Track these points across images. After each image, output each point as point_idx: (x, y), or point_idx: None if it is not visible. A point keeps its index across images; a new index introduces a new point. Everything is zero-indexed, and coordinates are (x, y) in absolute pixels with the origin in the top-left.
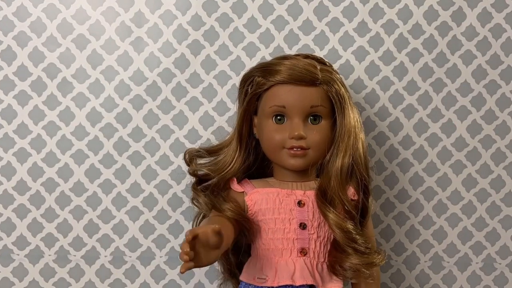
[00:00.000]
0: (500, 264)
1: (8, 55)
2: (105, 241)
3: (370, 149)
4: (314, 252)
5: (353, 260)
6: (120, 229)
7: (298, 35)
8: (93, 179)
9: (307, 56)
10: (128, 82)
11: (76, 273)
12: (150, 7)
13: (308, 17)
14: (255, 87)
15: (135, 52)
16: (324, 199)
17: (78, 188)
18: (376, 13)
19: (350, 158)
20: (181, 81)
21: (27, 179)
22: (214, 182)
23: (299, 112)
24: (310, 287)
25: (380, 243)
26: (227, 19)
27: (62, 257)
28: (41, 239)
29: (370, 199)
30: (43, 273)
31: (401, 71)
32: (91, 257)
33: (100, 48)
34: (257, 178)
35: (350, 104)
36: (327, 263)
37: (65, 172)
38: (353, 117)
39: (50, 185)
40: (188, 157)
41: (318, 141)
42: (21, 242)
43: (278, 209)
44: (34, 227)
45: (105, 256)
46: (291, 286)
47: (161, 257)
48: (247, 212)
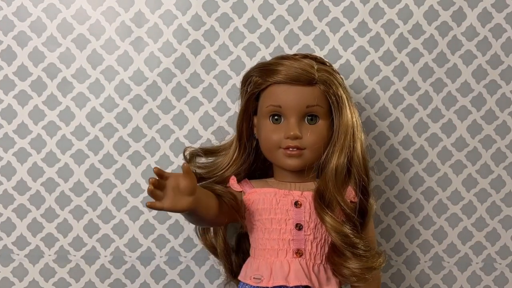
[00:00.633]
0: (500, 264)
1: (8, 55)
2: (105, 241)
3: (370, 149)
4: (310, 254)
5: (352, 264)
6: (120, 229)
7: (298, 35)
8: (93, 179)
9: (306, 56)
10: (128, 82)
11: (76, 273)
12: (150, 7)
13: (308, 17)
14: (253, 87)
15: (135, 52)
16: (322, 202)
17: (78, 188)
18: (376, 13)
19: (346, 158)
20: (181, 81)
21: (27, 179)
22: (214, 181)
23: (295, 112)
24: (305, 287)
25: (380, 243)
26: (227, 19)
27: (62, 257)
28: (41, 239)
29: (371, 201)
30: (43, 273)
31: (401, 71)
32: (91, 257)
33: (100, 48)
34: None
35: (349, 104)
36: (325, 265)
37: (65, 172)
38: (351, 117)
39: (50, 185)
40: (189, 155)
41: (314, 141)
42: (21, 242)
43: (275, 210)
44: (34, 227)
45: (105, 256)
46: (286, 287)
47: (161, 257)
48: (245, 212)
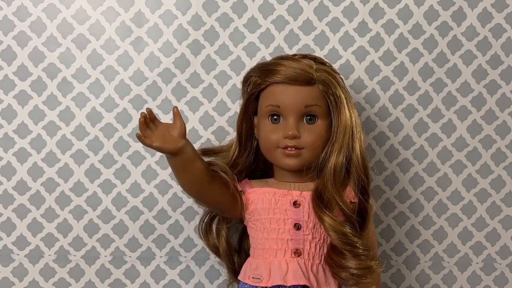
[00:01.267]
0: (500, 264)
1: (8, 55)
2: (105, 241)
3: (370, 149)
4: (309, 254)
5: (350, 264)
6: (120, 229)
7: (298, 35)
8: (93, 179)
9: (305, 56)
10: (128, 82)
11: (76, 273)
12: (150, 7)
13: (308, 17)
14: (252, 87)
15: (135, 52)
16: (320, 202)
17: (78, 188)
18: (377, 13)
19: (344, 158)
20: (181, 81)
21: (27, 179)
22: None
23: (294, 112)
24: (303, 287)
25: (380, 243)
26: (227, 19)
27: (62, 257)
28: (41, 239)
29: (370, 201)
30: (43, 273)
31: (402, 71)
32: (91, 257)
33: (100, 48)
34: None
35: (347, 104)
36: (323, 266)
37: (65, 172)
38: (350, 117)
39: (50, 185)
40: None
41: (312, 141)
42: (21, 242)
43: (274, 209)
44: (34, 227)
45: (105, 256)
46: (284, 287)
47: (161, 257)
48: (245, 212)
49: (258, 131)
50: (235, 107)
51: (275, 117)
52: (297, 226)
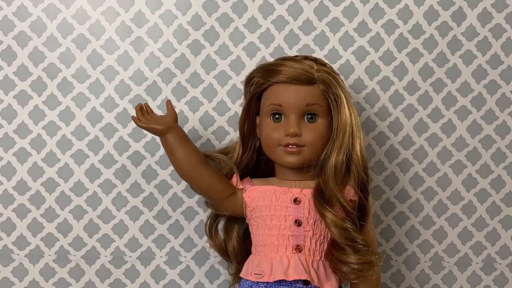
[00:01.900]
0: (500, 264)
1: (8, 55)
2: (105, 241)
3: (370, 149)
4: (310, 250)
5: (351, 259)
6: (120, 229)
7: (298, 35)
8: (93, 179)
9: (307, 57)
10: (128, 82)
11: (76, 273)
12: (150, 7)
13: (308, 17)
14: (255, 87)
15: (135, 52)
16: (322, 199)
17: (78, 188)
18: (377, 13)
19: (344, 156)
20: (181, 81)
21: (27, 179)
22: None
23: (295, 110)
24: (304, 283)
25: (380, 243)
26: (227, 19)
27: (62, 257)
28: (41, 239)
29: (370, 199)
30: (43, 273)
31: (401, 71)
32: (91, 257)
33: (100, 48)
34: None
35: (348, 104)
36: (324, 262)
37: (65, 172)
38: (350, 116)
39: (50, 185)
40: None
41: (313, 139)
42: (21, 242)
43: (275, 206)
44: (34, 227)
45: (105, 256)
46: (285, 281)
47: (161, 257)
48: (246, 209)
49: (260, 130)
50: (235, 107)
51: (277, 116)
52: (298, 223)
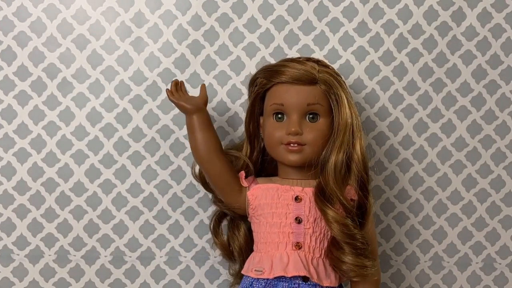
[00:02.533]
0: (500, 264)
1: (8, 55)
2: (105, 241)
3: (370, 149)
4: (310, 247)
5: (347, 259)
6: (120, 229)
7: (298, 35)
8: (93, 179)
9: (309, 59)
10: (128, 82)
11: (76, 273)
12: (150, 7)
13: (308, 17)
14: (258, 88)
15: (135, 52)
16: (323, 197)
17: (78, 188)
18: (376, 13)
19: (344, 155)
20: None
21: (27, 179)
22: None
23: (297, 110)
24: (304, 279)
25: (380, 243)
26: (227, 19)
27: (62, 257)
28: (41, 239)
29: (370, 199)
30: (43, 273)
31: (401, 71)
32: (91, 257)
33: (100, 48)
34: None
35: (348, 104)
36: (324, 260)
37: (65, 172)
38: (350, 116)
39: (50, 185)
40: None
41: (314, 138)
42: (21, 242)
43: (276, 204)
44: (34, 227)
45: (105, 256)
46: (284, 278)
47: (161, 257)
48: (249, 208)
49: (263, 130)
50: (235, 107)
51: (279, 116)
52: (298, 220)
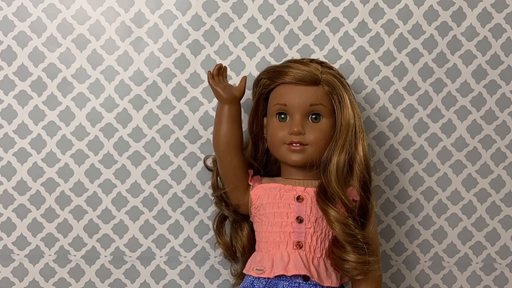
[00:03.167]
0: (500, 264)
1: (8, 55)
2: (105, 241)
3: (370, 149)
4: (310, 246)
5: (350, 257)
6: (120, 229)
7: (298, 35)
8: (93, 179)
9: (313, 60)
10: (128, 82)
11: (76, 273)
12: (150, 7)
13: (308, 17)
14: (261, 88)
15: (135, 52)
16: (324, 196)
17: (78, 188)
18: (376, 13)
19: (347, 155)
20: (181, 81)
21: (27, 179)
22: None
23: (300, 110)
24: (304, 279)
25: (380, 243)
26: (227, 19)
27: (62, 257)
28: (41, 239)
29: (372, 199)
30: (43, 273)
31: (401, 71)
32: (91, 257)
33: (100, 48)
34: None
35: (351, 105)
36: (324, 260)
37: (65, 172)
38: (353, 117)
39: (50, 185)
40: (212, 162)
41: (316, 138)
42: (21, 242)
43: (278, 204)
44: (34, 227)
45: (105, 256)
46: (285, 277)
47: (161, 257)
48: (251, 207)
49: (267, 130)
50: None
51: (282, 116)
52: (299, 219)
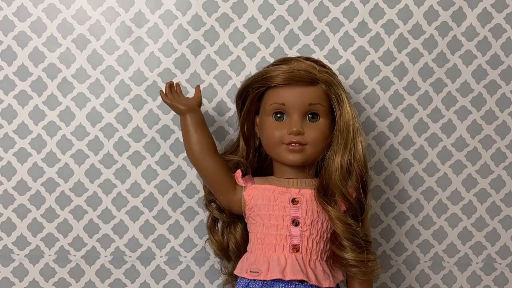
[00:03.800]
0: (500, 264)
1: (8, 55)
2: (105, 241)
3: (370, 149)
4: (307, 249)
5: (347, 255)
6: (120, 229)
7: (298, 35)
8: (93, 179)
9: (308, 59)
10: (128, 82)
11: (76, 273)
12: (150, 7)
13: (308, 17)
14: (261, 83)
15: (135, 52)
16: (324, 195)
17: (78, 188)
18: (376, 13)
19: (350, 155)
20: (181, 81)
21: (27, 179)
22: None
23: (298, 110)
24: (301, 282)
25: (380, 243)
26: (227, 19)
27: (62, 257)
28: (41, 239)
29: (369, 198)
30: (43, 273)
31: (401, 71)
32: (91, 257)
33: (100, 48)
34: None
35: (349, 104)
36: (321, 261)
37: (65, 172)
38: (351, 116)
39: (50, 185)
40: None
41: (315, 138)
42: (21, 242)
43: (273, 206)
44: (34, 227)
45: (105, 256)
46: (282, 281)
47: (161, 257)
48: (245, 208)
49: (261, 129)
50: (235, 107)
51: (279, 115)
52: (295, 223)
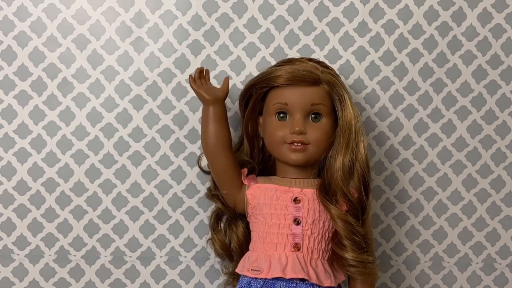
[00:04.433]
0: (500, 265)
1: (9, 55)
2: (105, 241)
3: (370, 149)
4: (308, 248)
5: (347, 255)
6: (120, 229)
7: (299, 35)
8: (93, 179)
9: (311, 60)
10: (129, 82)
11: (76, 273)
12: (151, 7)
13: (309, 17)
14: (265, 83)
15: (135, 52)
16: (326, 194)
17: (78, 188)
18: (377, 13)
19: (352, 155)
20: (181, 81)
21: (27, 179)
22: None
23: (300, 109)
24: (302, 281)
25: (380, 243)
26: (228, 19)
27: (62, 257)
28: (41, 239)
29: (370, 198)
30: (43, 273)
31: (401, 71)
32: (91, 257)
33: (101, 48)
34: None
35: (351, 105)
36: (322, 261)
37: (65, 172)
38: (353, 116)
39: (50, 185)
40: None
41: (318, 137)
42: (21, 242)
43: (275, 205)
44: (34, 227)
45: (105, 256)
46: (283, 279)
47: (161, 257)
48: (248, 207)
49: (264, 129)
50: (235, 107)
51: (282, 115)
52: (297, 222)
